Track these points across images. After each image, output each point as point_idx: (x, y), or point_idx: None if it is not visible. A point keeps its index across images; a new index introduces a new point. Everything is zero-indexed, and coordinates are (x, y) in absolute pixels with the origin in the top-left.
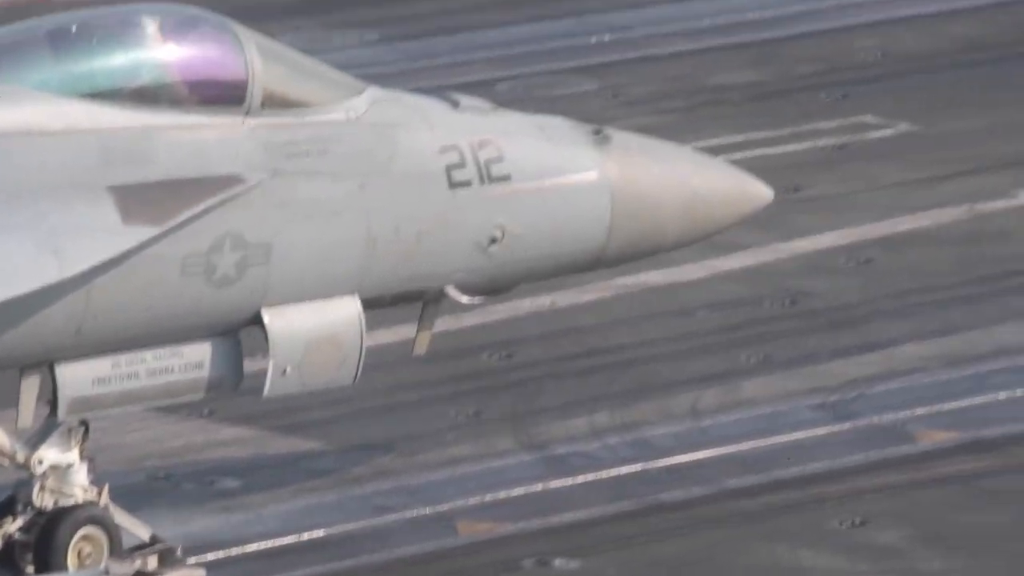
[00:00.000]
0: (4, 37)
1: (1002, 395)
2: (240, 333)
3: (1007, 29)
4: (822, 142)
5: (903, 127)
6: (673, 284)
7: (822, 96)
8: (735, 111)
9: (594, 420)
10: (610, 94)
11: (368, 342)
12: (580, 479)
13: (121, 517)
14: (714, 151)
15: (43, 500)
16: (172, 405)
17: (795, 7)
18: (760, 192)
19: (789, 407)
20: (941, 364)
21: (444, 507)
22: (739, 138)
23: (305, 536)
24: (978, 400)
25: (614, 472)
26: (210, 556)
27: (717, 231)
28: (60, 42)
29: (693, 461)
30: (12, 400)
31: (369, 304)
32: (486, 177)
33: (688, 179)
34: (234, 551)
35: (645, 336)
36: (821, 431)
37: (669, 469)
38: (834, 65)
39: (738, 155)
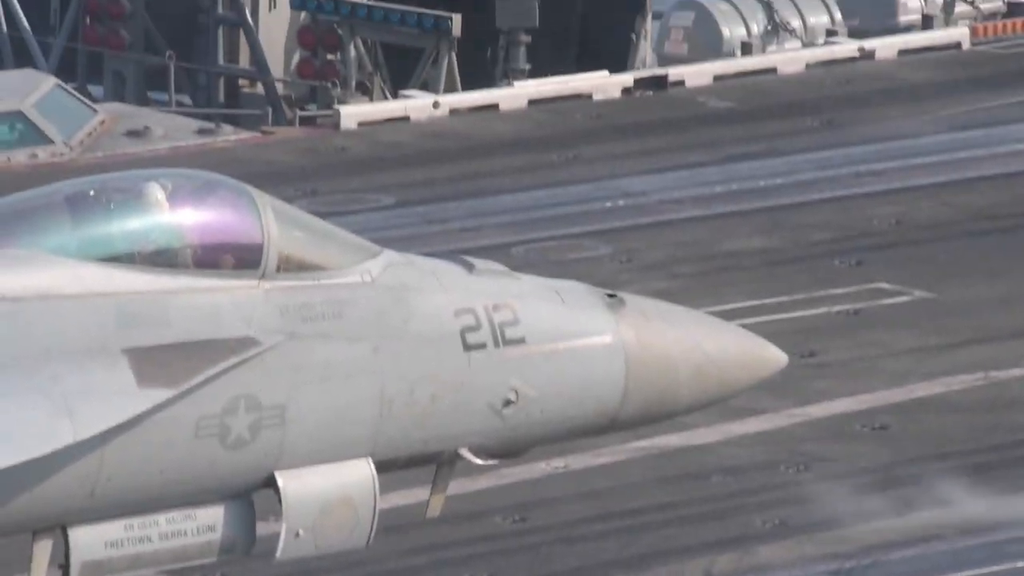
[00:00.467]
0: (22, 202)
1: (1020, 564)
2: (253, 495)
3: (1020, 199)
4: (836, 308)
5: (918, 294)
6: (687, 448)
7: (836, 263)
8: (748, 276)
9: None
10: (624, 258)
11: (382, 504)
12: None
13: None
14: (727, 316)
15: None
16: (185, 568)
17: (807, 174)
18: (774, 356)
19: (805, 572)
20: (957, 532)
21: None
22: (753, 303)
23: None
24: (995, 569)
25: None
26: None
27: (731, 395)
28: (77, 207)
29: None
30: (24, 564)
31: (383, 466)
32: (501, 340)
33: (702, 343)
34: None
35: (659, 500)
36: None
37: None
38: (848, 232)
39: (751, 320)
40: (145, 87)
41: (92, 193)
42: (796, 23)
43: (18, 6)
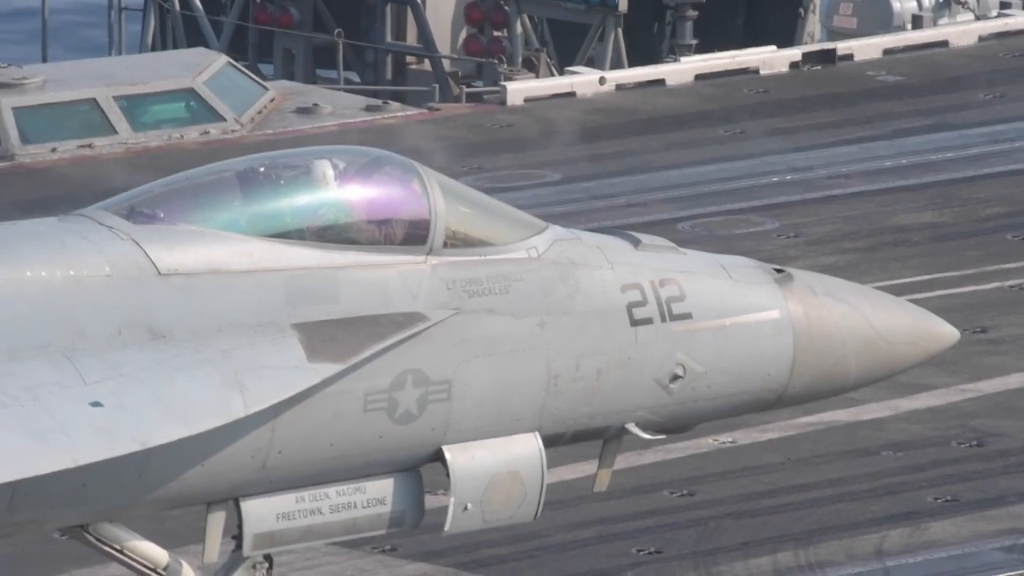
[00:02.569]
0: (193, 179)
1: None
2: (421, 469)
3: None
4: (1009, 283)
5: None
6: (857, 423)
7: (1009, 237)
8: (918, 251)
9: (777, 560)
10: (791, 233)
11: (549, 479)
12: None
13: None
14: (897, 291)
15: None
16: (354, 541)
17: (979, 148)
18: (945, 332)
19: (977, 548)
20: None
21: None
22: (923, 278)
23: None
24: None
25: None
26: None
27: (901, 371)
28: (248, 184)
29: None
30: (198, 535)
31: (550, 441)
32: (667, 315)
33: (871, 318)
34: None
35: (828, 475)
36: (1012, 574)
37: None
38: (1021, 206)
39: (921, 295)
40: (314, 65)
41: (262, 170)
42: None
43: None
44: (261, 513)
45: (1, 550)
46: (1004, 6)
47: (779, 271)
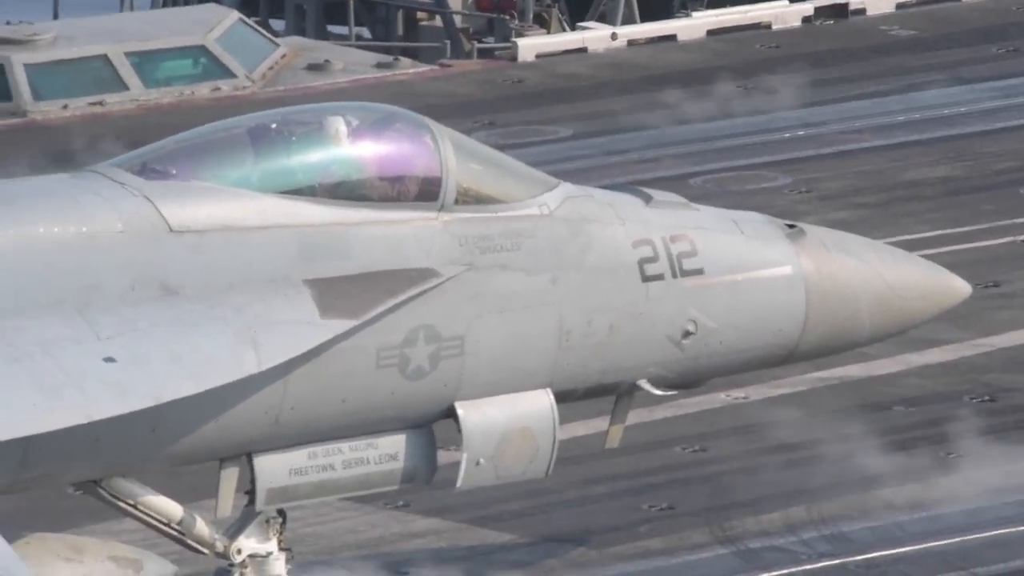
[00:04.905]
0: (205, 135)
1: None
2: (433, 425)
3: None
4: (1021, 237)
5: None
6: (869, 379)
7: (1021, 191)
8: (930, 206)
9: (789, 515)
10: (803, 188)
11: (561, 435)
12: (775, 574)
13: None
14: (909, 246)
15: None
16: (367, 496)
17: (992, 103)
18: (957, 287)
19: (989, 503)
20: None
21: None
22: (935, 233)
23: None
24: None
25: (810, 567)
26: None
27: (913, 326)
28: (259, 140)
29: (892, 556)
30: (211, 490)
31: (562, 397)
32: (679, 271)
33: (883, 273)
34: None
35: (840, 431)
36: (1023, 528)
37: (868, 564)
38: None
39: (934, 250)
40: (325, 21)
41: (274, 127)
42: None
43: None
44: (274, 468)
45: (15, 504)
46: None
47: (791, 227)
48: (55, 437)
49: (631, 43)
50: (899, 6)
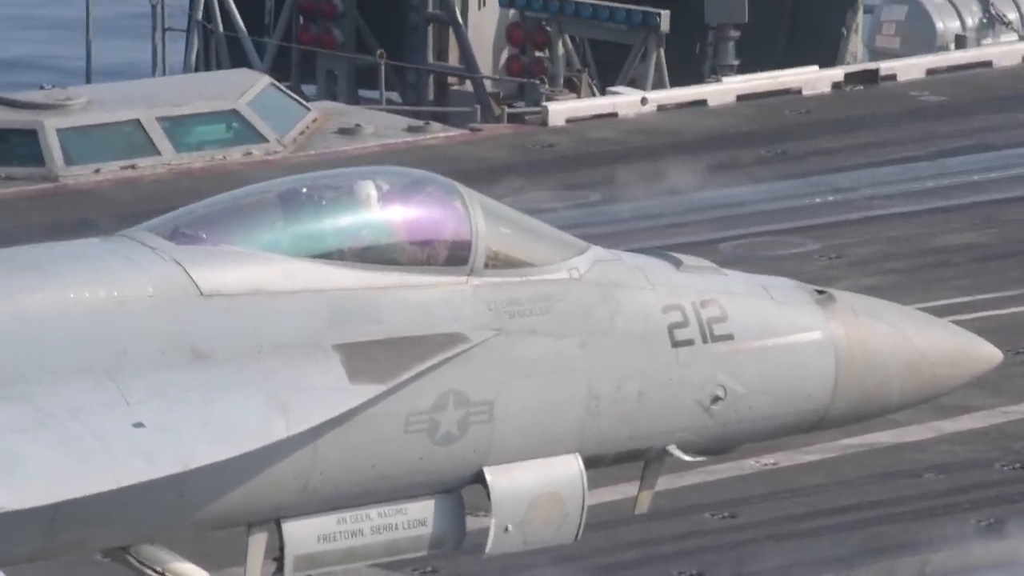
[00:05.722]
0: (236, 199)
1: None
2: (462, 490)
3: None
4: None
5: None
6: (899, 445)
7: None
8: (960, 272)
9: None
10: (833, 254)
11: (590, 500)
12: None
13: None
14: (939, 312)
15: None
16: (395, 562)
17: (1022, 169)
18: (989, 353)
19: (1021, 572)
20: None
21: None
22: (965, 299)
23: None
24: None
25: None
26: None
27: (943, 392)
28: (290, 204)
29: None
30: (240, 558)
31: (591, 462)
32: (709, 336)
33: (913, 339)
34: None
35: (871, 497)
36: None
37: None
38: None
39: (964, 316)
40: (356, 85)
41: (304, 191)
42: (1012, 15)
43: (234, 7)
44: (303, 535)
45: (44, 571)
46: None
47: (820, 292)
48: (84, 503)
49: (661, 108)
50: (929, 72)
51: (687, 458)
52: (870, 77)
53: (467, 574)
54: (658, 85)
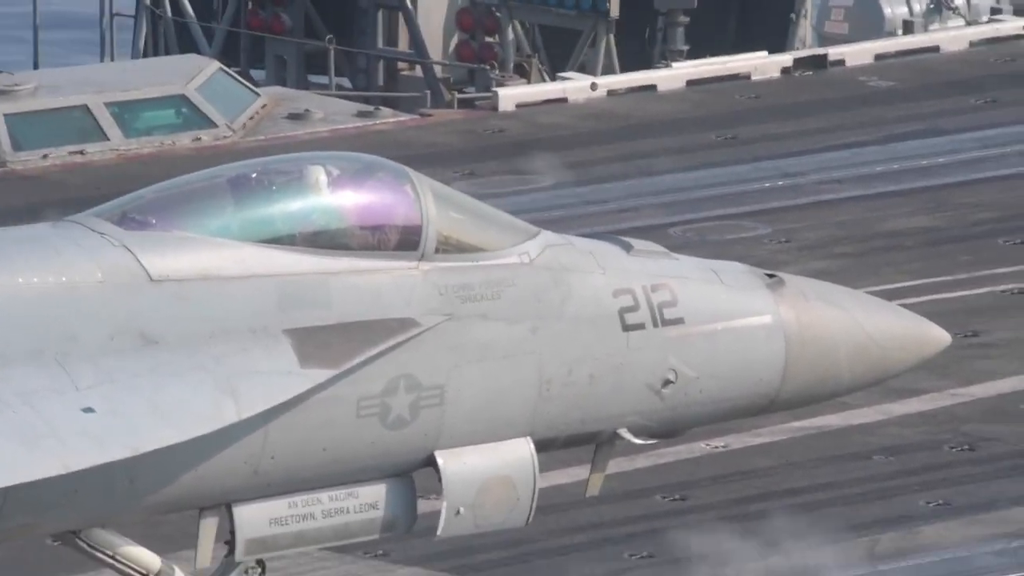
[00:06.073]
0: (185, 185)
1: None
2: (414, 474)
3: None
4: (1001, 287)
5: None
6: (849, 428)
7: (1001, 242)
8: (910, 256)
9: (769, 564)
10: (782, 238)
11: (541, 483)
12: None
13: None
14: (888, 296)
15: None
16: (347, 545)
17: (971, 153)
18: (937, 336)
19: (969, 552)
20: None
21: None
22: (914, 283)
23: None
24: None
25: None
26: None
27: (893, 375)
28: (240, 190)
29: None
30: (190, 540)
31: (542, 446)
32: (659, 320)
33: (863, 323)
34: None
35: (820, 479)
36: None
37: None
38: (1013, 211)
39: (913, 300)
40: (306, 71)
41: (254, 176)
42: (959, 1)
43: None
44: (254, 518)
45: None
46: (995, 12)
47: (770, 276)
48: (33, 488)
49: (611, 93)
50: (877, 57)
51: (638, 441)
52: (819, 62)
53: (419, 557)
54: (608, 70)
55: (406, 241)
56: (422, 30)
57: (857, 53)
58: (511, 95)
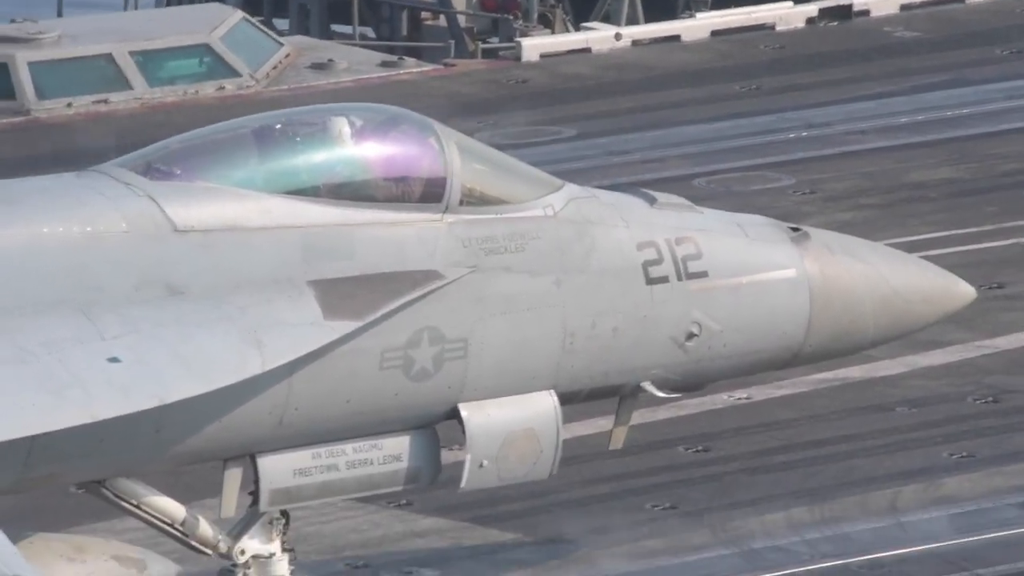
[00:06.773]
0: (210, 136)
1: None
2: (437, 426)
3: None
4: None
5: None
6: (872, 380)
7: None
8: (934, 207)
9: (791, 515)
10: (807, 190)
11: (565, 435)
12: (778, 574)
13: None
14: (913, 248)
15: None
16: (370, 496)
17: (996, 104)
18: (962, 290)
19: (993, 504)
20: None
21: None
22: (939, 234)
23: None
24: None
25: (812, 567)
26: None
27: (917, 329)
28: (264, 141)
29: (894, 556)
30: (215, 490)
31: (565, 398)
32: (683, 273)
33: (887, 276)
34: None
35: (843, 431)
36: None
37: (870, 564)
38: None
39: (938, 252)
40: (329, 20)
41: (278, 127)
42: None
43: None
44: (278, 469)
45: (19, 504)
46: None
47: (795, 229)
48: (59, 437)
49: (635, 43)
50: (903, 7)
51: (661, 394)
52: (844, 12)
53: (442, 507)
54: (632, 20)
55: (430, 193)
56: None
57: (882, 3)
58: (535, 45)
